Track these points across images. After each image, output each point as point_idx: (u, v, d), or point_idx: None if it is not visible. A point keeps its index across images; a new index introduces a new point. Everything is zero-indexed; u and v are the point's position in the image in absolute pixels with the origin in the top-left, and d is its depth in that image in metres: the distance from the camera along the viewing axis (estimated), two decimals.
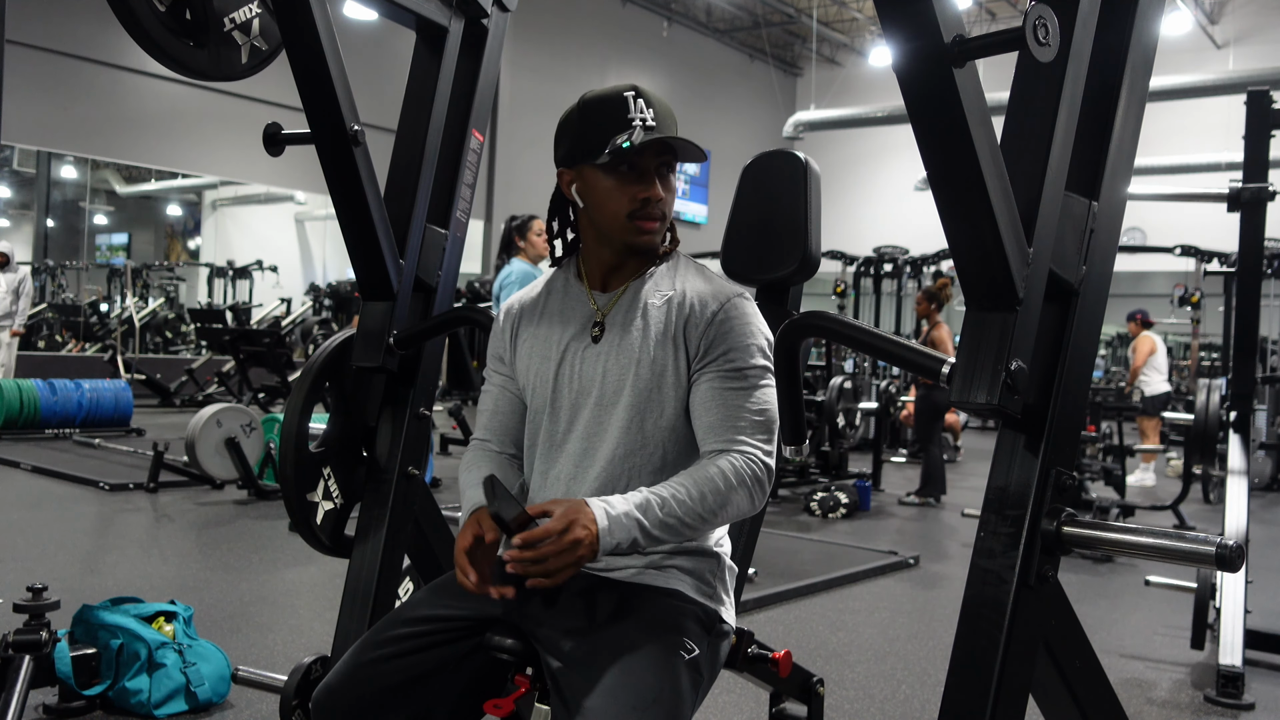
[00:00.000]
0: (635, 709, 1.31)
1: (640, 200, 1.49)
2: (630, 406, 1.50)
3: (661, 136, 1.47)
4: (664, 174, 1.51)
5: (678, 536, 1.42)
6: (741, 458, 1.45)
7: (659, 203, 1.50)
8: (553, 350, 1.57)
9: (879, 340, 1.55)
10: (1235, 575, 3.36)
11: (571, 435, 1.55)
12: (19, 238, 15.04)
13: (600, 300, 1.57)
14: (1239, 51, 17.67)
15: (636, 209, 1.50)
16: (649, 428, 1.51)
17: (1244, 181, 3.67)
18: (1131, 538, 1.41)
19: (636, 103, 1.49)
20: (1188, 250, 10.78)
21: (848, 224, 18.72)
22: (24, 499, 5.69)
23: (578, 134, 1.51)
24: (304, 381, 2.22)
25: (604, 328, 1.54)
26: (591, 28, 18.29)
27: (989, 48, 1.17)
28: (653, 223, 1.51)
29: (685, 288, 1.54)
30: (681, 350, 1.50)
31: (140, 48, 2.02)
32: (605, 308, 1.56)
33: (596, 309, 1.57)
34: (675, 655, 1.41)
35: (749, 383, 1.48)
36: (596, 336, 1.54)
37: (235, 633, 3.38)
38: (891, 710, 2.98)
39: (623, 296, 1.55)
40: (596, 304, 1.57)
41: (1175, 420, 6.56)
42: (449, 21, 2.28)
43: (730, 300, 1.51)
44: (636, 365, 1.50)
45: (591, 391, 1.53)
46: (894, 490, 7.52)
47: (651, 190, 1.49)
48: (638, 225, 1.50)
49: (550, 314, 1.60)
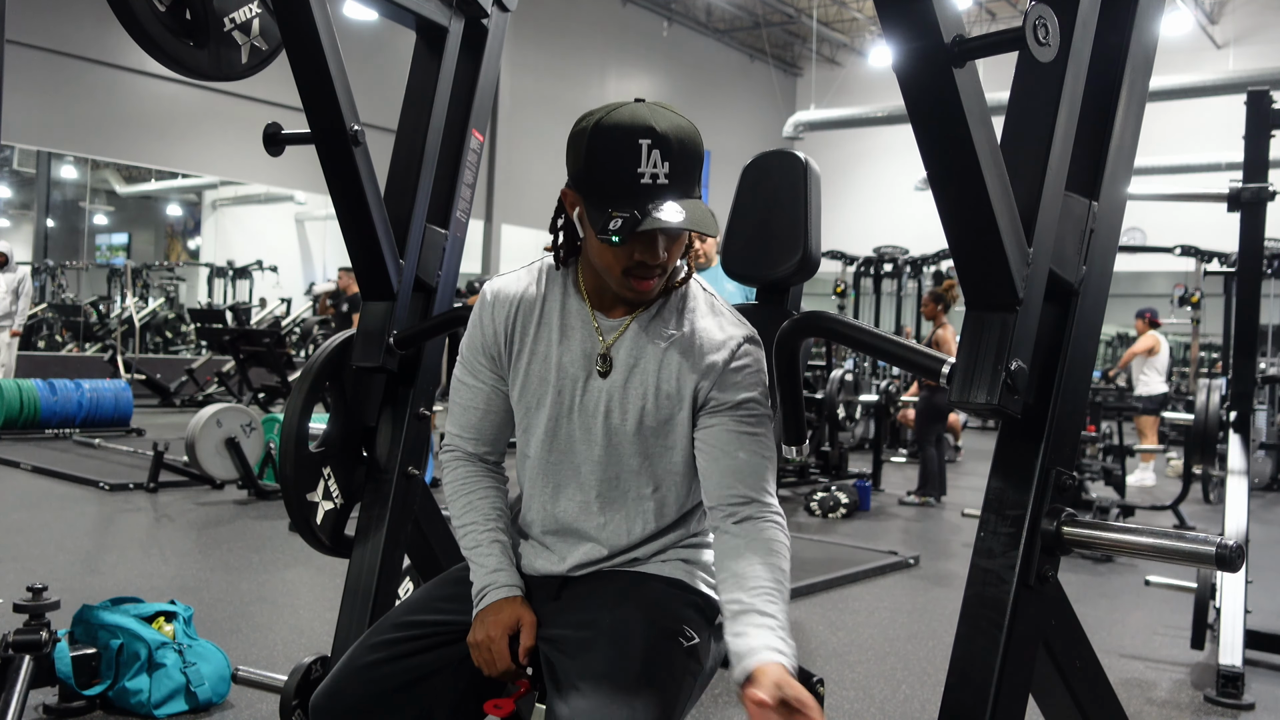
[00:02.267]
0: (626, 690, 1.30)
1: (637, 261, 1.38)
2: (638, 454, 1.48)
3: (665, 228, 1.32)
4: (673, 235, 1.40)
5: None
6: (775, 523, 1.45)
7: (658, 264, 1.40)
8: (551, 374, 1.49)
9: (879, 340, 1.54)
10: (1235, 575, 3.36)
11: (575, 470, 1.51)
12: (19, 238, 15.04)
13: (604, 326, 1.49)
14: (1239, 51, 17.67)
15: (632, 267, 1.39)
16: (658, 472, 1.50)
17: (1244, 181, 3.66)
18: (1131, 538, 1.41)
19: (651, 155, 1.32)
20: (1188, 250, 10.78)
21: (848, 224, 18.73)
22: (24, 499, 5.69)
23: (585, 169, 1.37)
24: (304, 381, 2.22)
25: (609, 362, 1.47)
26: (591, 28, 18.29)
27: (989, 48, 1.17)
28: (648, 282, 1.41)
29: (694, 328, 1.47)
30: (689, 398, 1.46)
31: (140, 48, 2.02)
32: (609, 339, 1.48)
33: (601, 339, 1.48)
34: (673, 641, 1.41)
35: (762, 430, 1.47)
36: (603, 372, 1.47)
37: (235, 633, 3.38)
38: (891, 710, 2.98)
39: (628, 329, 1.48)
40: (601, 332, 1.49)
41: (1175, 420, 6.56)
42: (449, 21, 2.28)
43: (742, 347, 1.47)
44: (642, 413, 1.46)
45: (595, 429, 1.48)
46: (894, 490, 7.52)
47: (650, 255, 1.38)
48: (631, 283, 1.41)
49: (549, 325, 1.50)
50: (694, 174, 1.37)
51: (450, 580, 1.58)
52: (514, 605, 1.45)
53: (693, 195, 1.37)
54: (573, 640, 1.40)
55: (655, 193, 1.33)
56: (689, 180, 1.36)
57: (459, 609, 1.50)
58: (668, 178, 1.33)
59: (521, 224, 17.14)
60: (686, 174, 1.36)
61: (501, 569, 1.49)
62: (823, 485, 6.78)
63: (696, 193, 1.38)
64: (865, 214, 19.85)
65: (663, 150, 1.33)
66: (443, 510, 2.24)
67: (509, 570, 1.50)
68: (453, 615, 1.49)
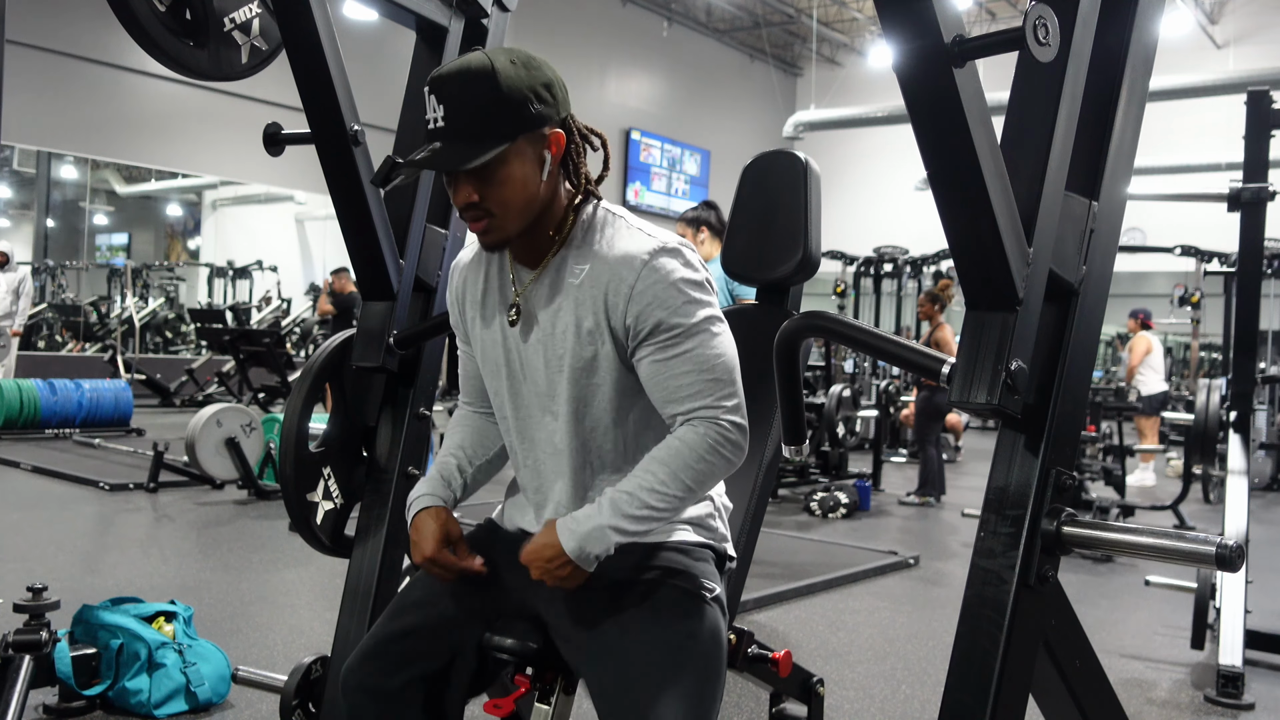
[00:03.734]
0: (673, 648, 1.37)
1: (459, 208, 1.41)
2: (570, 400, 1.46)
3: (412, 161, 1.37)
4: (476, 171, 1.36)
5: (660, 520, 1.42)
6: (704, 423, 1.41)
7: (472, 206, 1.39)
8: (499, 335, 1.53)
9: (879, 341, 1.54)
10: (1235, 575, 3.36)
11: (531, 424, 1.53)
12: (19, 238, 15.04)
13: (521, 277, 1.50)
14: (1239, 51, 17.67)
15: (460, 214, 1.43)
16: (591, 419, 1.48)
17: (1244, 181, 3.66)
18: (1131, 538, 1.41)
19: (430, 102, 1.36)
20: (1188, 250, 10.78)
21: (848, 224, 18.71)
22: (24, 499, 5.69)
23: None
24: (304, 381, 2.22)
25: (520, 310, 1.48)
26: (591, 28, 18.29)
27: (989, 48, 1.17)
28: (477, 225, 1.41)
29: (602, 257, 1.43)
30: (607, 335, 1.42)
31: (140, 48, 2.02)
32: (524, 287, 1.49)
33: (515, 290, 1.50)
34: (698, 596, 1.45)
35: (690, 344, 1.40)
36: (513, 320, 1.49)
37: (235, 633, 3.38)
38: (891, 710, 2.98)
39: (543, 274, 1.47)
40: (516, 283, 1.50)
41: (1175, 420, 6.56)
42: (449, 21, 2.28)
43: (646, 265, 1.39)
44: (568, 358, 1.45)
45: (538, 381, 1.49)
46: (894, 490, 7.52)
47: (455, 195, 1.39)
48: (470, 228, 1.44)
49: (491, 288, 1.54)
50: (473, 113, 1.34)
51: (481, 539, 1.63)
52: (432, 516, 1.52)
53: (470, 133, 1.34)
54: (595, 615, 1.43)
55: (431, 138, 1.37)
56: (465, 120, 1.34)
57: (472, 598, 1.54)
58: (443, 120, 1.35)
59: None
60: (461, 115, 1.34)
61: (425, 489, 1.56)
62: (823, 485, 6.78)
63: (480, 130, 1.34)
64: (865, 214, 19.84)
65: (438, 95, 1.35)
66: None
67: (430, 482, 1.57)
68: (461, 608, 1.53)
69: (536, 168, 1.40)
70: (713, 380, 1.42)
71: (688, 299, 1.41)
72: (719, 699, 1.41)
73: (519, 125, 1.36)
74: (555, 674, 1.51)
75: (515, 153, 1.37)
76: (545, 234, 1.46)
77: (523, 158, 1.38)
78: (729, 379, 1.43)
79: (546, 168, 1.41)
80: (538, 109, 1.38)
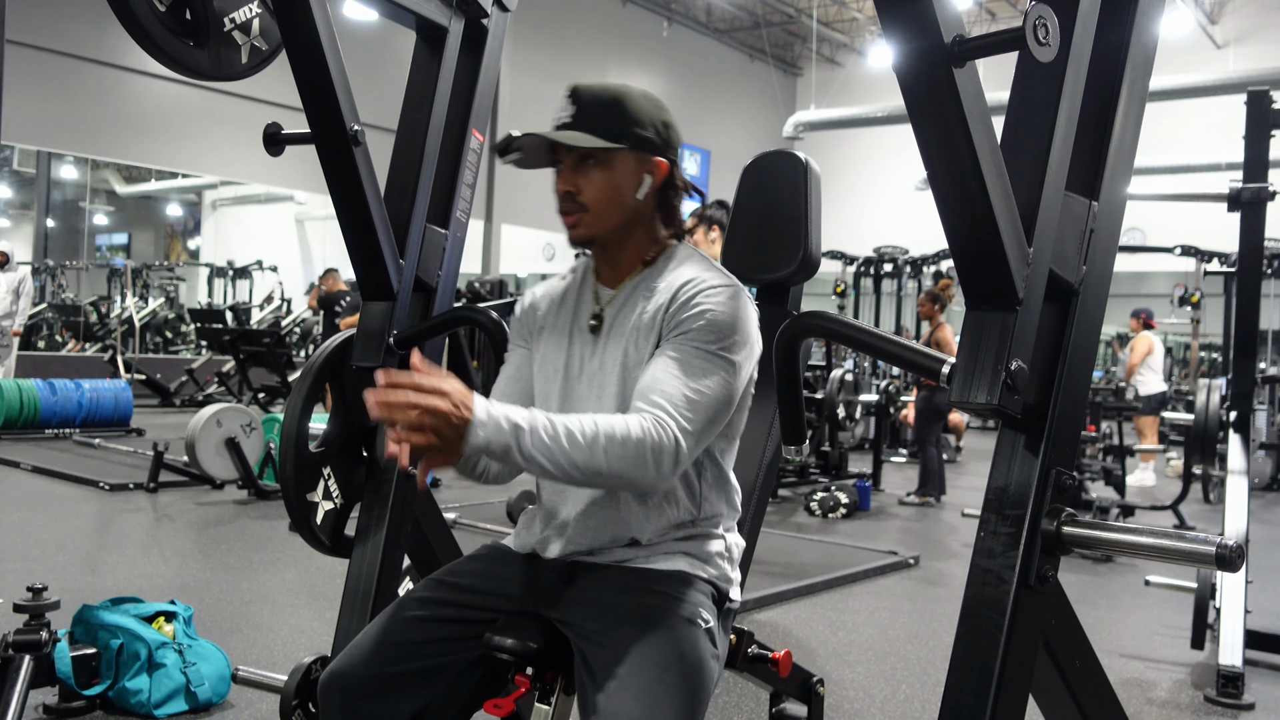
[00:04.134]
0: (658, 665, 1.36)
1: (556, 195, 1.53)
2: (617, 396, 1.51)
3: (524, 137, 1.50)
4: (582, 166, 1.51)
5: (552, 467, 1.34)
6: (657, 424, 1.37)
7: (569, 197, 1.52)
8: (563, 340, 1.60)
9: (879, 340, 1.54)
10: (1235, 575, 3.36)
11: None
12: (19, 238, 15.06)
13: (604, 295, 1.60)
14: (1239, 51, 17.67)
15: (557, 204, 1.54)
16: None
17: (1244, 181, 3.66)
18: (1131, 538, 1.41)
19: (563, 104, 1.52)
20: (1188, 250, 10.78)
21: (848, 224, 18.71)
22: (24, 499, 5.69)
23: None
24: (304, 381, 2.22)
25: (601, 320, 1.57)
26: (591, 28, 18.29)
27: (989, 48, 1.17)
28: (568, 217, 1.53)
29: (674, 278, 1.53)
30: (654, 340, 1.50)
31: (140, 48, 2.02)
32: (606, 302, 1.59)
33: (598, 304, 1.60)
34: (693, 623, 1.45)
35: (699, 363, 1.43)
36: (594, 328, 1.57)
37: (235, 633, 3.38)
38: (891, 710, 2.98)
39: (621, 292, 1.58)
40: (600, 299, 1.60)
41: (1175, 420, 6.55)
42: (449, 21, 2.28)
43: (706, 289, 1.48)
44: (623, 356, 1.52)
45: (594, 382, 1.55)
46: (894, 490, 7.52)
47: (558, 183, 1.53)
48: (562, 220, 1.54)
49: (569, 302, 1.64)
50: (599, 117, 1.50)
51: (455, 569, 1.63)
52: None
53: (590, 128, 1.49)
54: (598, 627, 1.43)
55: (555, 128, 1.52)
56: (589, 118, 1.50)
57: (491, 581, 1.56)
58: (570, 116, 1.50)
59: (521, 224, 17.14)
60: (587, 113, 1.50)
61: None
62: (823, 485, 6.78)
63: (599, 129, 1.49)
64: (865, 214, 19.84)
65: (572, 98, 1.52)
66: (443, 510, 2.24)
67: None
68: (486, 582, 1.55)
69: (635, 184, 1.53)
70: (693, 402, 1.41)
71: (719, 331, 1.46)
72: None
73: (632, 139, 1.51)
74: (555, 674, 1.51)
75: (621, 160, 1.51)
76: (633, 258, 1.58)
77: (626, 168, 1.52)
78: (707, 414, 1.42)
79: (645, 189, 1.54)
80: (651, 135, 1.53)
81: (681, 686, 1.36)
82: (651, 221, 1.58)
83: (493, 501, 5.87)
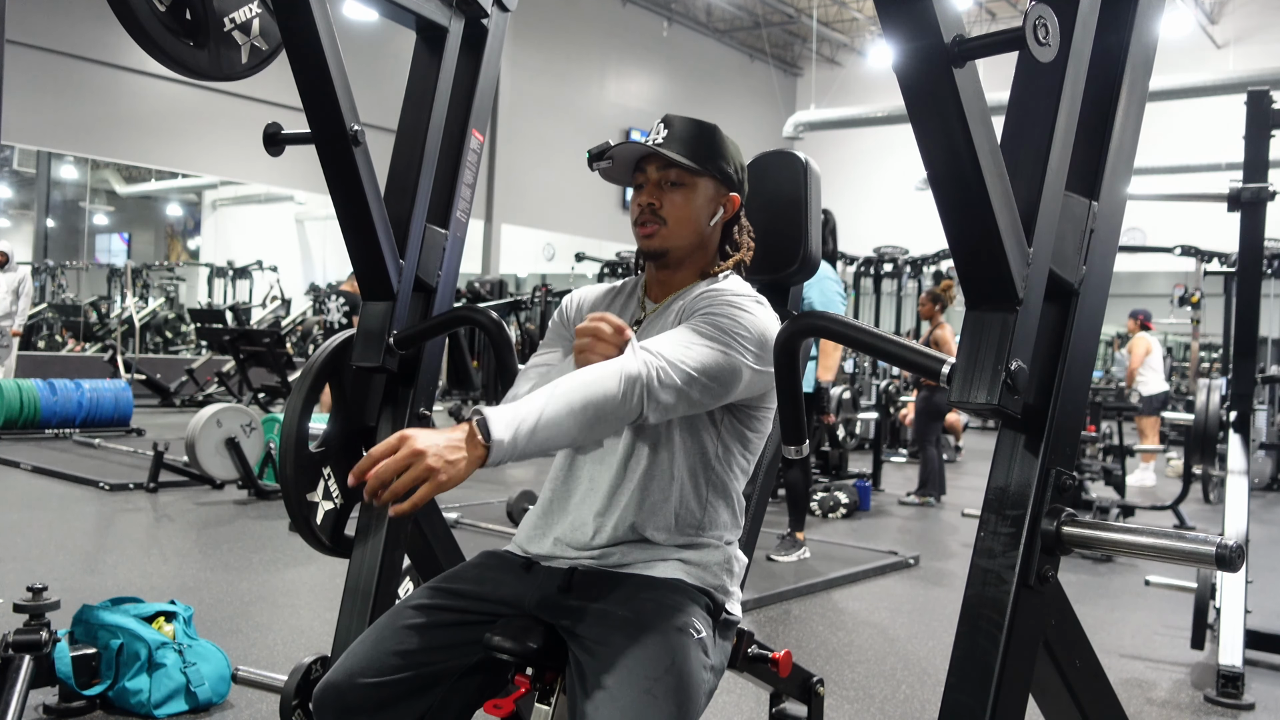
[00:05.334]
0: (648, 677, 1.35)
1: (637, 207, 1.63)
2: None
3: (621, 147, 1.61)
4: (666, 185, 1.61)
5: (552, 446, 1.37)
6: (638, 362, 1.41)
7: (646, 208, 1.61)
8: None
9: (880, 340, 1.54)
10: (1235, 575, 3.36)
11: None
12: (19, 238, 15.06)
13: (649, 307, 1.71)
14: (1239, 51, 17.67)
15: (636, 216, 1.64)
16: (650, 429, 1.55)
17: (1244, 181, 3.66)
18: (1131, 538, 1.41)
19: (656, 126, 1.65)
20: (1188, 250, 10.78)
21: (848, 224, 18.69)
22: (24, 499, 5.70)
23: None
24: (304, 381, 2.22)
25: (641, 325, 1.66)
26: (591, 28, 18.29)
27: (989, 48, 1.17)
28: (646, 228, 1.62)
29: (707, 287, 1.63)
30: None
31: (140, 48, 2.02)
32: (649, 313, 1.69)
33: (643, 312, 1.70)
34: (684, 634, 1.45)
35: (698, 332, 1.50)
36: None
37: (235, 633, 3.38)
38: (891, 710, 2.98)
39: (661, 305, 1.68)
40: (645, 310, 1.71)
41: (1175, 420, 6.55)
42: (449, 21, 2.28)
43: (722, 292, 1.58)
44: None
45: None
46: (894, 490, 7.52)
47: (641, 196, 1.62)
48: (638, 231, 1.63)
49: (615, 308, 1.75)
50: (689, 142, 1.62)
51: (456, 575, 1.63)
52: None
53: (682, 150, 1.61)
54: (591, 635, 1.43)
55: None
56: (681, 140, 1.62)
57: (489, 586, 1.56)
58: (663, 138, 1.62)
59: (521, 224, 17.15)
60: (679, 139, 1.62)
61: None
62: (823, 485, 6.78)
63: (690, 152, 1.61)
64: (865, 214, 19.83)
65: (666, 123, 1.65)
66: (443, 510, 2.24)
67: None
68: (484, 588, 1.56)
69: (710, 211, 1.66)
70: (681, 351, 1.46)
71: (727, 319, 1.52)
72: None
73: (717, 171, 1.64)
74: (555, 674, 1.51)
75: (703, 185, 1.64)
76: (685, 280, 1.68)
77: (706, 194, 1.64)
78: (696, 367, 1.46)
79: (716, 218, 1.66)
80: (731, 172, 1.66)
81: (669, 698, 1.36)
82: (713, 251, 1.69)
83: (493, 502, 5.87)
